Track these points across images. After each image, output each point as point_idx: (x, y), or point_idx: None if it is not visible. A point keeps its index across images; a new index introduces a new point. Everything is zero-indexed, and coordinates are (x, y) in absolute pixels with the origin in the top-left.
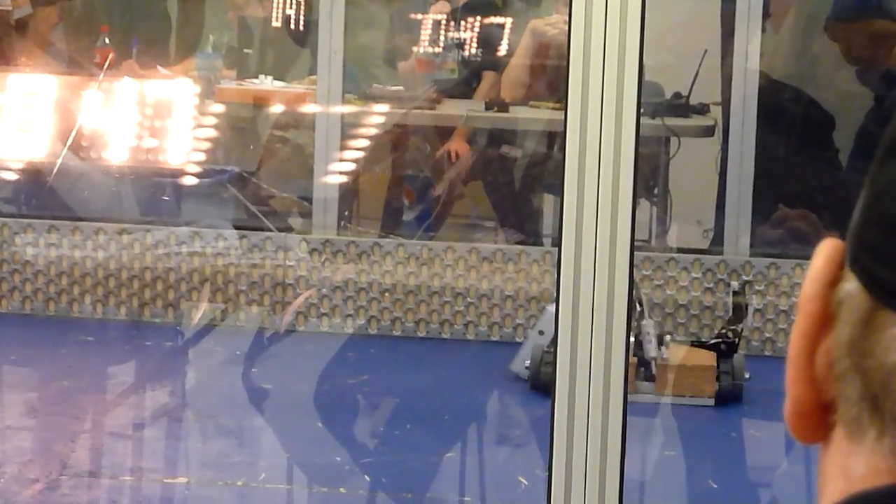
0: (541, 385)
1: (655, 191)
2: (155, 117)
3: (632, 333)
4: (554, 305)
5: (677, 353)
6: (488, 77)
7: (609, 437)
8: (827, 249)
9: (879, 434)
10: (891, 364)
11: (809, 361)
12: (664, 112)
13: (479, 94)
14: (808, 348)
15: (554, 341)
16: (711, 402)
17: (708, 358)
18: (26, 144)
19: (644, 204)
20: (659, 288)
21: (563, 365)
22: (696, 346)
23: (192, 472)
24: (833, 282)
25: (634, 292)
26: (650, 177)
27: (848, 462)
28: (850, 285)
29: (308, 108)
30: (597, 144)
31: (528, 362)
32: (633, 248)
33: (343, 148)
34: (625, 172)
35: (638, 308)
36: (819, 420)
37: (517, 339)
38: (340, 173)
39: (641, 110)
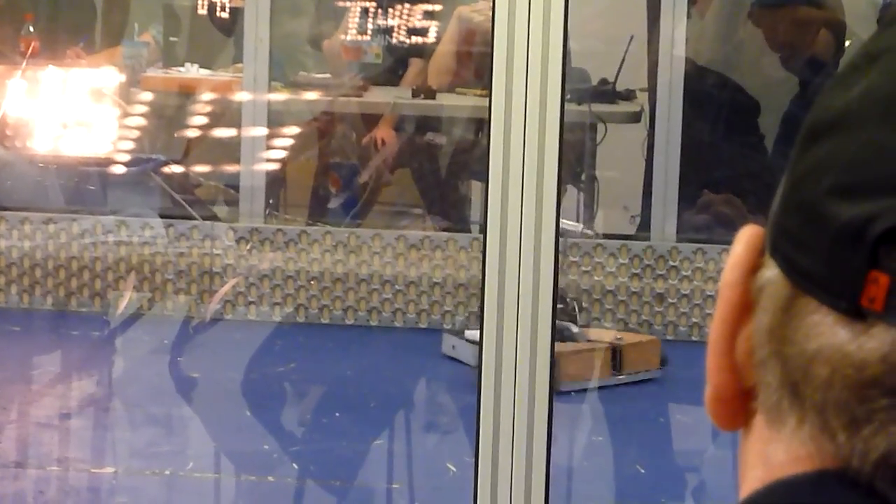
0: None
1: (582, 177)
2: (80, 106)
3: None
4: None
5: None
6: (415, 64)
7: (535, 424)
8: (747, 236)
9: (799, 421)
10: (810, 351)
11: (730, 348)
12: (591, 98)
13: (406, 81)
14: (728, 334)
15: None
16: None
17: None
18: None
19: (571, 190)
20: (586, 274)
21: (488, 352)
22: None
23: (119, 461)
24: (753, 269)
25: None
26: (577, 163)
27: (767, 449)
28: (771, 272)
29: (234, 96)
30: (521, 131)
31: (454, 345)
32: (558, 235)
33: (269, 136)
34: (549, 159)
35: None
36: (739, 406)
37: (445, 327)
38: (267, 161)
39: (568, 97)
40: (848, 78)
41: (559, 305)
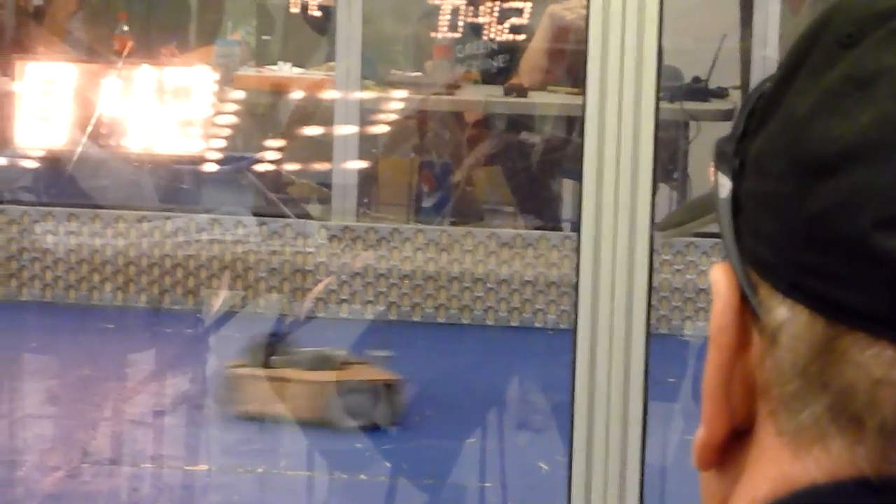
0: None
1: (675, 175)
2: (174, 105)
3: None
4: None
5: None
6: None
7: (630, 424)
8: (725, 276)
9: (852, 444)
10: (875, 378)
11: (727, 393)
12: (683, 96)
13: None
14: (725, 380)
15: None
16: None
17: None
18: (46, 133)
19: (663, 188)
20: (679, 272)
21: (583, 351)
22: None
23: (212, 459)
24: (739, 308)
25: None
26: (669, 161)
27: (789, 469)
28: (786, 311)
29: (327, 95)
30: (616, 129)
31: None
32: (653, 233)
33: (362, 134)
34: (644, 156)
35: None
36: (728, 447)
37: (536, 325)
38: (359, 159)
39: (661, 94)
40: (840, 105)
41: None
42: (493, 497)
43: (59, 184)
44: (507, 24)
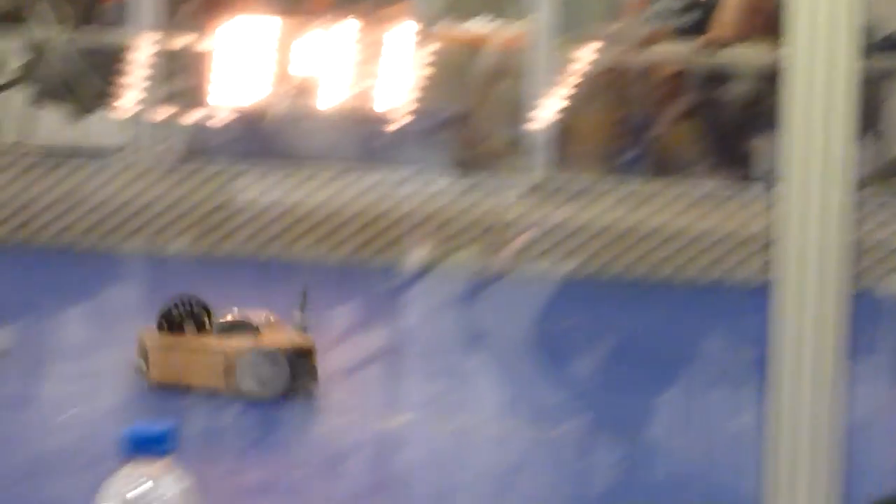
0: None
1: (871, 131)
2: (371, 61)
3: None
4: None
5: None
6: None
7: (825, 384)
8: None
9: None
10: None
11: None
12: (878, 51)
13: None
14: None
15: None
16: None
17: None
18: (243, 89)
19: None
20: (871, 231)
21: (780, 308)
22: None
23: (411, 411)
24: None
25: None
26: (864, 117)
27: None
28: None
29: (523, 50)
30: (816, 84)
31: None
32: (852, 190)
33: (558, 89)
34: (843, 112)
35: None
36: None
37: (727, 283)
38: (555, 114)
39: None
40: None
41: None
42: (684, 453)
43: (256, 140)
44: None
